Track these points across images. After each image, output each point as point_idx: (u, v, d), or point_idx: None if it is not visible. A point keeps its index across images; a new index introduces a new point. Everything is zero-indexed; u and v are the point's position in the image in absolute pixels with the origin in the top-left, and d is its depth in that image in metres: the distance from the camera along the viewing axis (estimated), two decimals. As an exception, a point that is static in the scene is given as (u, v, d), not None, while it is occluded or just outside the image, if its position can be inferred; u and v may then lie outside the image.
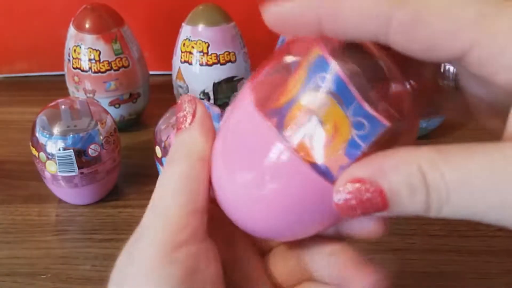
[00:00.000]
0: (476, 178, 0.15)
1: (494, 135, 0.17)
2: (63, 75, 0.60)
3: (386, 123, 0.17)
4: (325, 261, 0.23)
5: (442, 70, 0.21)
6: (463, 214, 0.16)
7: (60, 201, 0.48)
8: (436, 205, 0.16)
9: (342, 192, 0.17)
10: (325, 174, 0.18)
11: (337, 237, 0.23)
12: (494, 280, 0.39)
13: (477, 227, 0.44)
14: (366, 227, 0.22)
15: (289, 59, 0.19)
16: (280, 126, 0.18)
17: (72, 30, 0.56)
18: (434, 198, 0.16)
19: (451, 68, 0.20)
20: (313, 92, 0.17)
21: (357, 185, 0.16)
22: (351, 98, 0.17)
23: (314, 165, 0.18)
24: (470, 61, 0.16)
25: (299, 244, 0.24)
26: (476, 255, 0.41)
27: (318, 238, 0.23)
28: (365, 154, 0.17)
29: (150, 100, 0.62)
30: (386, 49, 0.18)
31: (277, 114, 0.18)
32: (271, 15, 0.18)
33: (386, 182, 0.16)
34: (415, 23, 0.16)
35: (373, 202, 0.16)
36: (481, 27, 0.15)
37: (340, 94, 0.17)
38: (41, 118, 0.44)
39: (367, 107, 0.17)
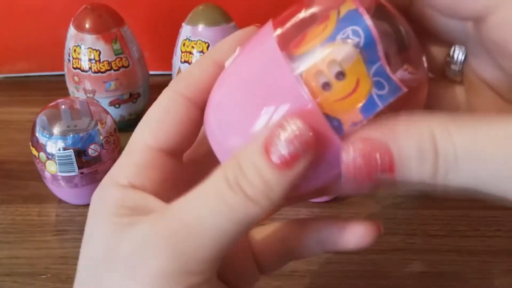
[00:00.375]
0: (486, 146, 0.15)
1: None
2: (63, 75, 0.60)
3: (404, 88, 0.17)
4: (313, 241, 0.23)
5: (451, 55, 0.21)
6: (467, 183, 0.16)
7: (60, 201, 0.48)
8: (443, 171, 0.16)
9: (351, 151, 0.16)
10: (337, 128, 0.17)
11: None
12: (494, 280, 0.39)
13: (477, 227, 0.44)
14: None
15: (317, 8, 0.19)
16: (302, 74, 0.18)
17: (72, 30, 0.56)
18: (442, 164, 0.16)
19: (460, 55, 0.21)
20: (341, 43, 0.17)
21: (368, 144, 0.16)
22: (376, 57, 0.17)
23: (327, 116, 0.17)
24: (488, 24, 0.16)
25: (284, 228, 0.24)
26: (476, 255, 0.41)
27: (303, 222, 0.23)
28: (379, 115, 0.17)
29: (150, 100, 0.62)
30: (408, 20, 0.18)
31: (301, 58, 0.18)
32: None
33: (396, 144, 0.16)
34: None
35: (381, 163, 0.16)
36: None
37: (367, 51, 0.17)
38: (41, 118, 0.44)
39: (388, 71, 0.17)
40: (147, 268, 0.18)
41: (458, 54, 0.21)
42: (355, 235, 0.22)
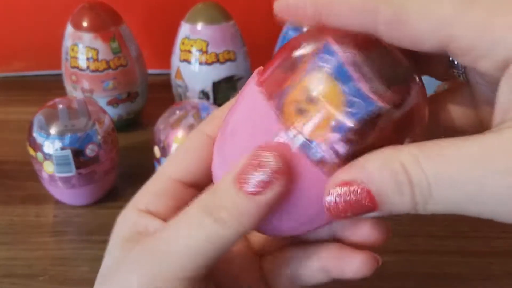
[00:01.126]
0: (454, 169, 0.15)
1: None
2: (61, 74, 0.59)
3: (379, 103, 0.17)
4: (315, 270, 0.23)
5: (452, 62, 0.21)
6: (448, 208, 0.16)
7: (57, 201, 0.48)
8: (421, 201, 0.16)
9: (331, 196, 0.17)
10: (313, 152, 0.18)
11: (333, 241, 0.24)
12: (497, 282, 0.39)
13: (480, 229, 0.44)
14: (367, 233, 0.22)
15: (296, 53, 0.20)
16: (279, 106, 0.19)
17: (69, 29, 0.56)
18: (418, 194, 0.16)
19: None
20: (314, 72, 0.18)
21: (345, 188, 0.17)
22: (347, 78, 0.18)
23: (305, 145, 0.18)
24: (453, 52, 0.17)
25: (291, 253, 0.24)
26: (479, 257, 0.41)
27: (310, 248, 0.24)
28: (360, 135, 0.18)
29: (148, 99, 0.62)
30: None
31: (279, 95, 0.19)
32: (279, 6, 0.19)
33: (372, 182, 0.16)
34: (397, 21, 0.17)
35: (363, 204, 0.17)
36: (457, 22, 0.16)
37: (339, 74, 0.18)
38: (38, 118, 0.44)
39: (362, 88, 0.17)
40: (130, 285, 0.20)
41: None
42: (353, 265, 0.23)
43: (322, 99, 0.18)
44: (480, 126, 0.21)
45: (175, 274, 0.19)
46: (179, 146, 0.25)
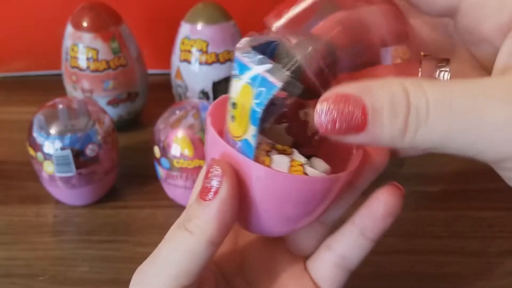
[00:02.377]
0: (456, 98, 0.16)
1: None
2: (61, 74, 0.59)
3: (278, 83, 0.18)
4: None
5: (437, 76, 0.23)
6: (436, 138, 0.16)
7: (57, 202, 0.47)
8: (413, 125, 0.16)
9: (325, 103, 0.17)
10: (247, 148, 0.20)
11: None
12: (496, 282, 0.39)
13: (479, 229, 0.44)
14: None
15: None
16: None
17: (69, 29, 0.56)
18: (413, 117, 0.16)
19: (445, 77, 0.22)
20: (232, 83, 0.20)
21: (341, 97, 0.17)
22: (253, 72, 0.19)
23: (242, 146, 0.20)
24: (460, 13, 0.18)
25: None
26: (479, 257, 0.41)
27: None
28: (269, 119, 0.20)
29: (148, 99, 0.62)
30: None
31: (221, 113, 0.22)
32: None
33: (369, 98, 0.16)
34: None
35: (354, 117, 0.16)
36: None
37: (243, 73, 0.20)
38: (38, 118, 0.44)
39: (259, 71, 0.19)
40: None
41: (443, 75, 0.22)
42: (382, 205, 0.23)
43: (239, 103, 0.20)
44: None
45: (163, 282, 0.21)
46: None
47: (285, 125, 0.21)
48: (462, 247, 0.42)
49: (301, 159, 0.21)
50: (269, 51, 0.21)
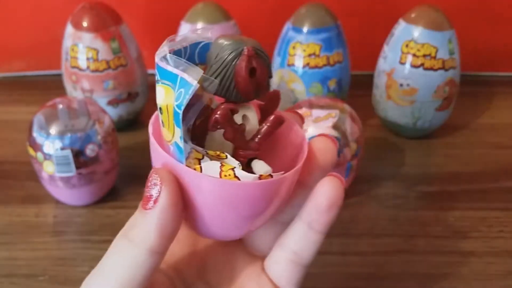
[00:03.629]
0: None
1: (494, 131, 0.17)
2: (61, 74, 0.59)
3: (193, 82, 0.18)
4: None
5: None
6: None
7: (57, 202, 0.47)
8: None
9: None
10: (179, 151, 0.20)
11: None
12: (496, 282, 0.39)
13: (479, 229, 0.44)
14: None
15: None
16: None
17: (69, 29, 0.56)
18: None
19: None
20: (156, 89, 0.20)
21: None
22: (172, 75, 0.19)
23: (174, 151, 0.20)
24: None
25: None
26: (479, 257, 0.41)
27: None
28: (191, 118, 0.20)
29: (148, 99, 0.62)
30: None
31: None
32: None
33: None
34: None
35: None
36: None
37: (163, 77, 0.20)
38: (38, 118, 0.44)
39: (177, 72, 0.19)
40: None
41: None
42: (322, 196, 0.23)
43: (162, 106, 0.20)
44: None
45: None
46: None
47: (222, 131, 0.21)
48: (462, 247, 0.42)
49: (233, 163, 0.20)
50: (197, 52, 0.21)
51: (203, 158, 0.21)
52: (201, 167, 0.20)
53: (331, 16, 0.55)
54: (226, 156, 0.21)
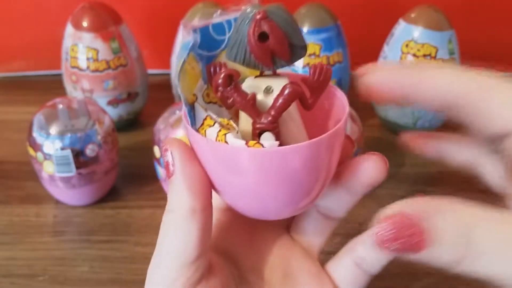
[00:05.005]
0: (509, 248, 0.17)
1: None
2: (61, 74, 0.59)
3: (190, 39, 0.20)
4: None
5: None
6: (493, 273, 0.17)
7: (57, 202, 0.47)
8: (470, 258, 0.17)
9: (385, 222, 0.18)
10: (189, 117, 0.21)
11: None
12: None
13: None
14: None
15: None
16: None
17: (69, 29, 0.56)
18: (471, 252, 0.17)
19: None
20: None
21: (404, 219, 0.17)
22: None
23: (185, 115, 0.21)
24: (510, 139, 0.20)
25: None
26: (479, 256, 0.41)
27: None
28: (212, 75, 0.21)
29: (148, 99, 0.62)
30: None
31: None
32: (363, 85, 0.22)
33: (432, 226, 0.17)
34: (482, 107, 0.20)
35: (413, 240, 0.17)
36: None
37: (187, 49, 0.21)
38: (38, 118, 0.44)
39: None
40: None
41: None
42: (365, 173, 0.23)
43: (188, 67, 0.21)
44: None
45: (169, 265, 0.21)
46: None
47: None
48: (462, 247, 0.42)
49: (233, 130, 0.21)
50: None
51: (213, 125, 0.21)
52: (205, 132, 0.21)
53: (331, 16, 0.55)
54: (234, 127, 0.21)
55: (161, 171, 0.45)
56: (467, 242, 0.17)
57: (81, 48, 0.55)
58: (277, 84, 0.21)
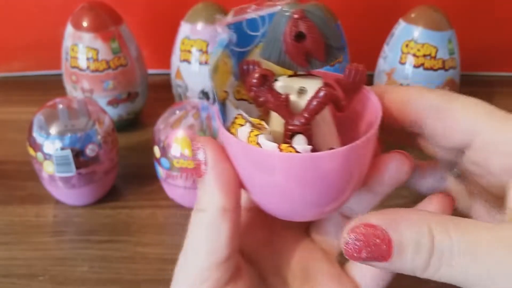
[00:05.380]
0: (482, 248, 0.17)
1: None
2: (61, 74, 0.59)
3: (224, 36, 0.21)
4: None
5: None
6: (456, 279, 0.18)
7: (57, 202, 0.47)
8: (435, 265, 0.18)
9: (353, 233, 0.18)
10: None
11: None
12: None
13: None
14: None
15: None
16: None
17: (69, 29, 0.56)
18: (435, 259, 0.18)
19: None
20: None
21: (370, 229, 0.18)
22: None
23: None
24: (471, 149, 0.22)
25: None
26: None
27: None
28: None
29: (148, 99, 0.62)
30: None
31: None
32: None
33: (396, 235, 0.18)
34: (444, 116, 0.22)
35: (379, 249, 0.18)
36: (484, 122, 0.21)
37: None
38: (38, 118, 0.44)
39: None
40: None
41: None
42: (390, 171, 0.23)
43: (220, 67, 0.21)
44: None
45: (200, 262, 0.21)
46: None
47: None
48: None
49: (265, 131, 0.20)
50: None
51: (244, 124, 0.21)
52: (236, 131, 0.21)
53: (331, 16, 0.55)
54: (265, 127, 0.21)
55: (161, 171, 0.45)
56: (430, 250, 0.18)
57: (81, 48, 0.55)
58: (311, 86, 0.21)
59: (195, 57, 0.55)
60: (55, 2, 0.70)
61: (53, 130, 0.43)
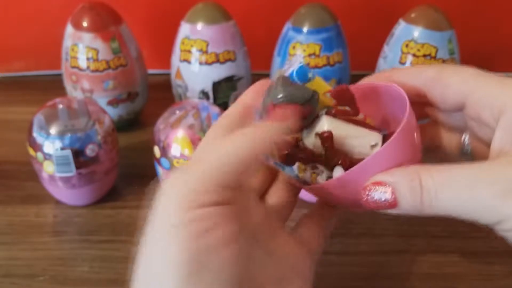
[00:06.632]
0: (456, 180, 0.22)
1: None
2: (61, 74, 0.59)
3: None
4: None
5: (462, 141, 0.30)
6: (448, 209, 0.22)
7: (57, 202, 0.47)
8: (427, 200, 0.22)
9: (368, 191, 0.24)
10: None
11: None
12: (497, 281, 0.39)
13: (479, 228, 0.43)
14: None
15: None
16: None
17: (69, 29, 0.56)
18: (426, 196, 0.22)
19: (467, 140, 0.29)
20: None
21: (380, 186, 0.23)
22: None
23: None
24: (466, 107, 0.26)
25: None
26: (479, 257, 0.41)
27: None
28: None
29: (148, 99, 0.62)
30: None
31: None
32: None
33: (397, 185, 0.23)
34: (438, 78, 0.27)
35: (388, 199, 0.23)
36: (476, 80, 0.26)
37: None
38: (38, 118, 0.44)
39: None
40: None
41: (465, 139, 0.29)
42: None
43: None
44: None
45: (216, 182, 0.23)
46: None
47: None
48: (462, 247, 0.42)
49: (323, 173, 0.27)
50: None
51: (306, 169, 0.28)
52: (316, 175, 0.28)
53: (331, 16, 0.55)
54: (313, 167, 0.28)
55: (161, 171, 0.45)
56: (420, 189, 0.22)
57: (81, 48, 0.55)
58: (321, 126, 0.27)
59: (195, 57, 0.55)
60: (55, 2, 0.70)
61: (53, 130, 0.43)
